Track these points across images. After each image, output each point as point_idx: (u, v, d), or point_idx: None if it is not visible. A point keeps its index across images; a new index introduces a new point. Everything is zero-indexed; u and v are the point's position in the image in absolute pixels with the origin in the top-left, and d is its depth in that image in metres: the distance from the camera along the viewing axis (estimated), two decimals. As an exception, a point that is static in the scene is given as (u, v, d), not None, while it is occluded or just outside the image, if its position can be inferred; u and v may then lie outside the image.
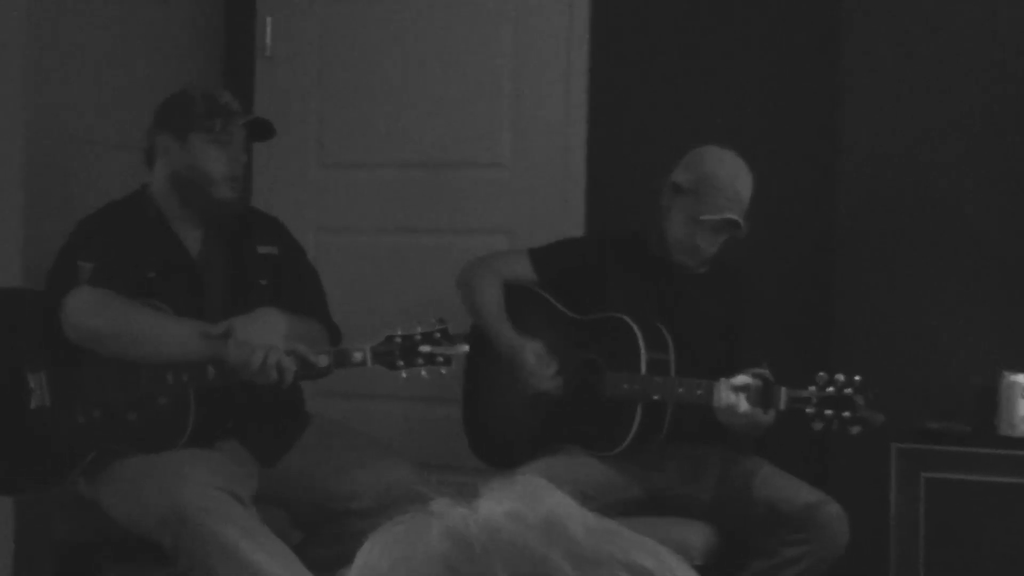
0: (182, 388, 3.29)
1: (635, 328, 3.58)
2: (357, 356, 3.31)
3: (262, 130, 3.58)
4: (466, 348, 3.39)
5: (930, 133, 4.03)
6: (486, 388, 3.82)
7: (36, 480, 3.44)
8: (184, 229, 3.49)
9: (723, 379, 3.37)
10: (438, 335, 3.32)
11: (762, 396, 3.34)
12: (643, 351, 3.57)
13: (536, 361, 3.62)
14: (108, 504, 3.37)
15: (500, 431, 3.85)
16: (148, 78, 4.52)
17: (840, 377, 3.31)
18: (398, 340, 3.32)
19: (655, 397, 3.53)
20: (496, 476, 3.23)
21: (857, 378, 3.31)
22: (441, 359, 3.33)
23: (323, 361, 3.31)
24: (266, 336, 3.26)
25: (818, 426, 3.32)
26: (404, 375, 3.32)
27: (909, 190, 4.05)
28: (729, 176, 3.60)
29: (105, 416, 3.33)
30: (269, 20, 4.74)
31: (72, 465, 3.36)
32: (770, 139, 4.21)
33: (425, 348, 3.31)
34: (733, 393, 3.35)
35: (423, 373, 3.33)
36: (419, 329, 3.33)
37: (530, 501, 0.85)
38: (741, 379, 3.35)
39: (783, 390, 3.34)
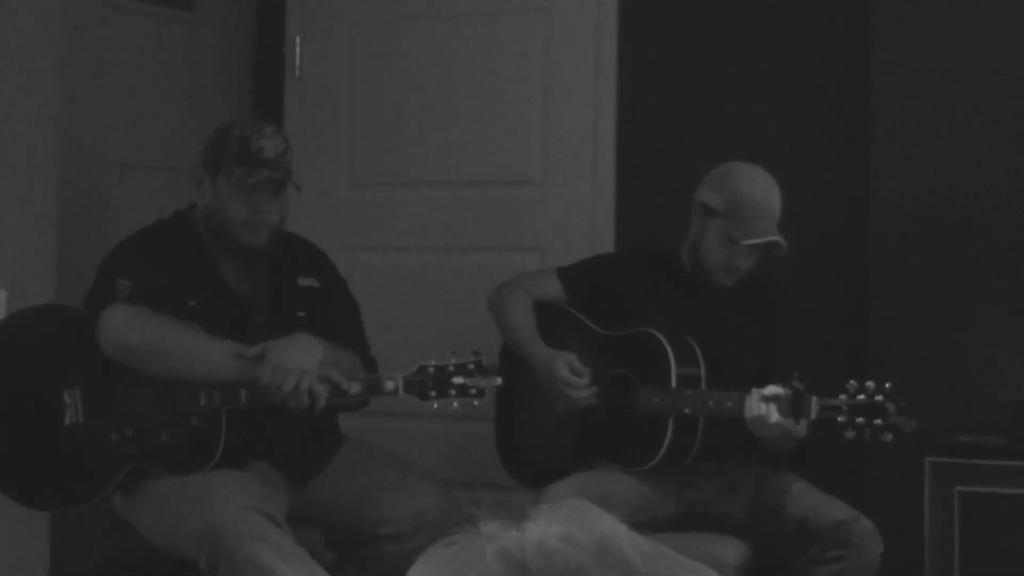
0: (214, 410, 3.30)
1: (665, 343, 3.58)
2: (389, 385, 3.32)
3: (285, 188, 3.46)
4: (499, 381, 3.38)
5: (965, 140, 4.02)
6: (518, 406, 3.82)
7: (68, 496, 3.45)
8: (223, 258, 3.48)
9: (754, 390, 3.37)
10: (471, 367, 3.32)
11: (793, 405, 3.34)
12: (673, 366, 3.56)
13: (570, 372, 3.63)
14: (142, 524, 3.39)
15: (532, 449, 3.85)
16: (179, 99, 4.56)
17: (870, 384, 3.30)
18: (431, 371, 3.31)
19: (686, 411, 3.53)
20: (528, 494, 3.23)
21: (888, 385, 3.30)
22: (474, 391, 3.32)
23: (355, 388, 3.31)
24: (301, 361, 3.26)
25: (850, 434, 3.31)
26: (435, 406, 3.32)
27: (944, 199, 4.04)
28: (762, 196, 3.59)
29: (138, 434, 3.35)
30: (299, 40, 4.76)
31: (104, 483, 3.37)
32: (802, 149, 4.21)
33: (458, 380, 3.31)
34: (763, 403, 3.35)
35: (455, 405, 3.33)
36: (452, 360, 3.33)
37: (581, 523, 0.85)
38: (771, 389, 3.35)
39: (814, 399, 3.33)
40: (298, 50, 4.77)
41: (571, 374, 3.63)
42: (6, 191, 3.83)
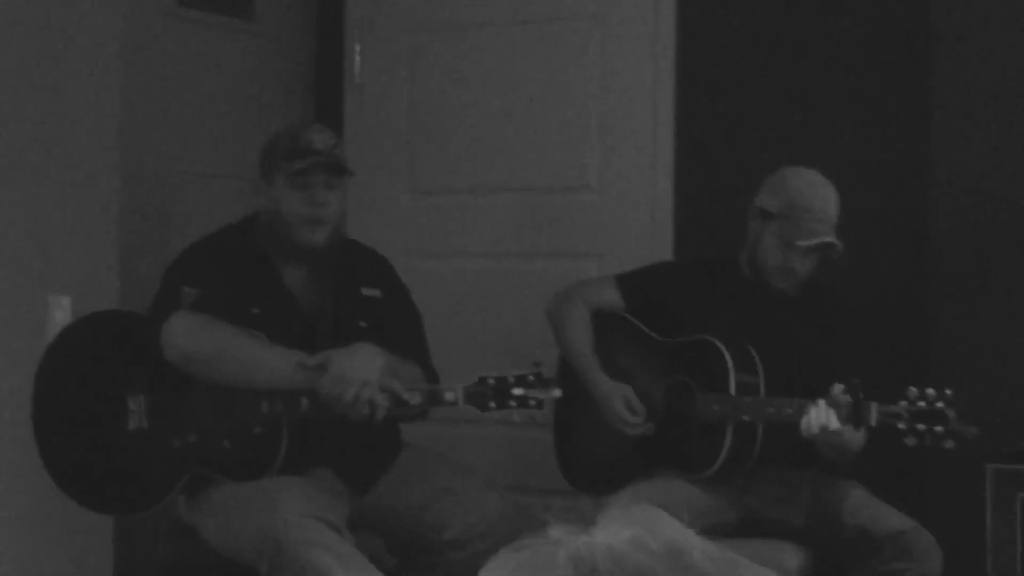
0: (276, 418, 3.32)
1: (724, 350, 3.58)
2: (449, 396, 3.33)
3: (338, 170, 3.49)
4: (558, 393, 3.38)
5: (1024, 145, 4.00)
6: (577, 413, 3.82)
7: (131, 501, 3.49)
8: (287, 266, 3.50)
9: (819, 400, 3.36)
10: (532, 378, 3.32)
11: (853, 413, 3.32)
12: (732, 373, 3.56)
13: (626, 409, 3.65)
14: (205, 530, 3.42)
15: (591, 456, 3.86)
16: (239, 108, 4.60)
17: (931, 391, 3.28)
18: (491, 382, 3.32)
19: (745, 417, 3.52)
20: (588, 501, 3.23)
21: (948, 392, 3.28)
22: (533, 403, 3.33)
23: (415, 399, 3.32)
24: (362, 371, 3.27)
25: (911, 441, 3.29)
26: (496, 417, 3.33)
27: (1005, 202, 4.01)
28: (819, 198, 3.60)
29: (200, 441, 3.37)
30: (358, 48, 4.79)
31: (166, 488, 3.40)
32: (861, 153, 4.20)
33: (518, 391, 3.31)
34: (823, 412, 3.34)
35: (515, 417, 3.34)
36: (513, 372, 3.34)
37: (651, 529, 0.86)
38: (836, 390, 3.34)
39: (874, 406, 3.32)
40: (357, 58, 4.79)
41: (627, 410, 3.64)
42: (70, 199, 3.87)
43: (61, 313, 3.78)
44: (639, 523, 0.88)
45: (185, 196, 4.38)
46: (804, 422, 3.36)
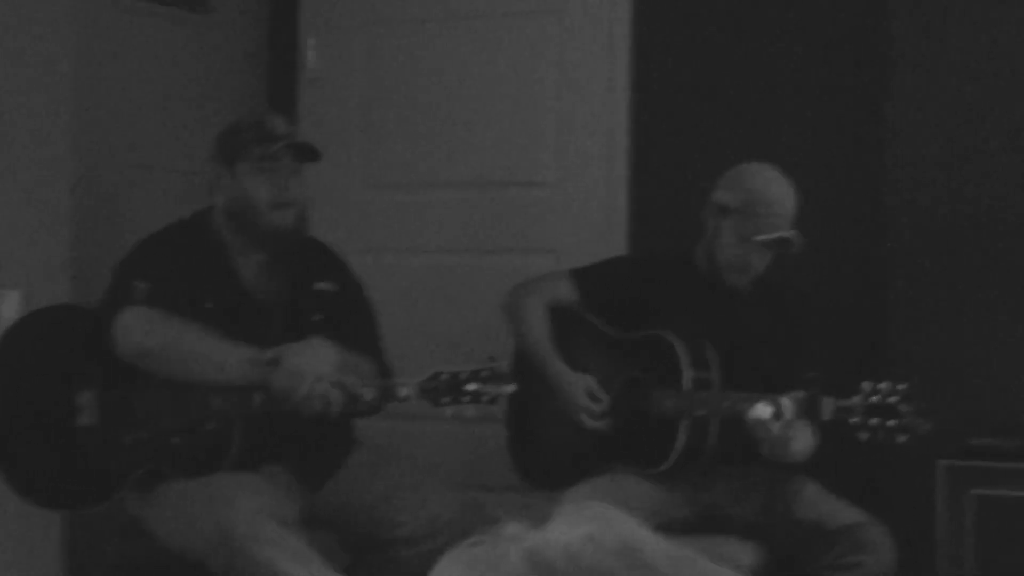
0: (229, 413, 3.31)
1: (676, 346, 3.58)
2: (402, 391, 3.32)
3: (308, 153, 3.55)
4: (513, 388, 3.36)
5: (982, 140, 4.01)
6: (531, 409, 3.82)
7: (80, 497, 3.47)
8: (242, 260, 3.49)
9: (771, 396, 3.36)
10: (486, 373, 3.31)
11: (807, 406, 3.33)
12: (685, 368, 3.57)
13: (587, 398, 3.64)
14: (156, 525, 3.40)
15: (545, 452, 3.85)
16: (193, 101, 4.56)
17: (884, 386, 3.29)
18: (445, 377, 3.31)
19: (700, 413, 3.53)
20: (541, 497, 3.22)
21: (901, 386, 3.29)
22: (487, 398, 3.32)
23: (368, 394, 3.31)
24: (315, 366, 3.26)
25: (864, 436, 3.30)
26: (449, 412, 3.31)
27: (961, 199, 4.03)
28: (776, 193, 3.61)
29: (152, 437, 3.35)
30: (311, 42, 4.77)
31: (116, 485, 3.38)
32: (817, 150, 4.21)
33: (472, 386, 3.29)
34: (767, 407, 3.34)
35: (469, 412, 3.32)
36: (467, 367, 3.32)
37: (606, 526, 0.85)
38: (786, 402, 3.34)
39: (828, 400, 3.33)
40: (311, 51, 4.77)
41: (589, 399, 3.64)
42: (21, 192, 3.84)
43: (10, 308, 3.74)
44: (594, 520, 0.87)
45: (138, 190, 4.34)
46: (750, 413, 3.36)
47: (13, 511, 3.55)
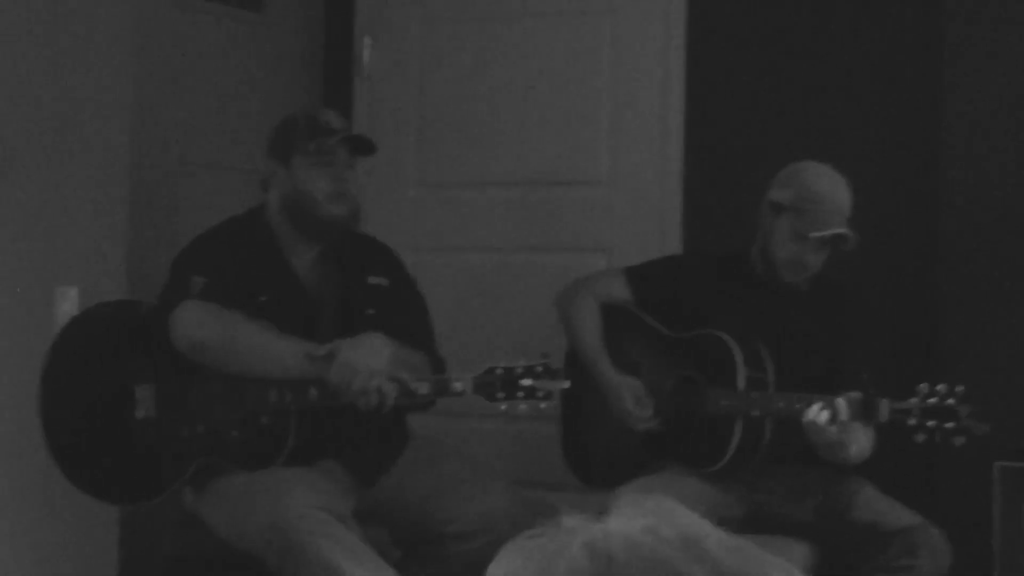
0: (284, 408, 3.32)
1: (732, 345, 3.57)
2: (457, 386, 3.32)
3: (363, 146, 3.57)
4: (567, 384, 3.36)
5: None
6: (584, 408, 3.82)
7: (138, 490, 3.49)
8: (296, 255, 3.51)
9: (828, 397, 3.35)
10: (540, 369, 3.31)
11: (864, 409, 3.32)
12: (740, 368, 3.56)
13: (634, 403, 3.64)
14: (211, 520, 3.42)
15: (598, 450, 3.85)
16: (249, 99, 4.59)
17: (941, 387, 3.28)
18: (499, 372, 3.31)
19: (754, 413, 3.51)
20: (595, 496, 3.21)
21: (959, 388, 3.28)
22: (541, 394, 3.32)
23: (423, 388, 3.32)
24: (370, 360, 3.27)
25: (920, 438, 3.28)
26: (503, 407, 3.32)
27: (1015, 198, 4.00)
28: (831, 190, 3.59)
29: (208, 431, 3.37)
30: (367, 40, 4.79)
31: (173, 478, 3.40)
32: (871, 150, 4.20)
33: (526, 382, 3.30)
34: (824, 411, 3.33)
35: (522, 407, 3.33)
36: (521, 362, 3.33)
37: (666, 518, 0.85)
38: (841, 403, 3.33)
39: (884, 402, 3.31)
40: (366, 50, 4.79)
41: (635, 405, 3.64)
42: (78, 190, 3.87)
43: (68, 305, 3.78)
44: (654, 512, 0.88)
45: (194, 188, 4.37)
46: (806, 415, 3.35)
47: (71, 504, 3.58)
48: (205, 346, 3.33)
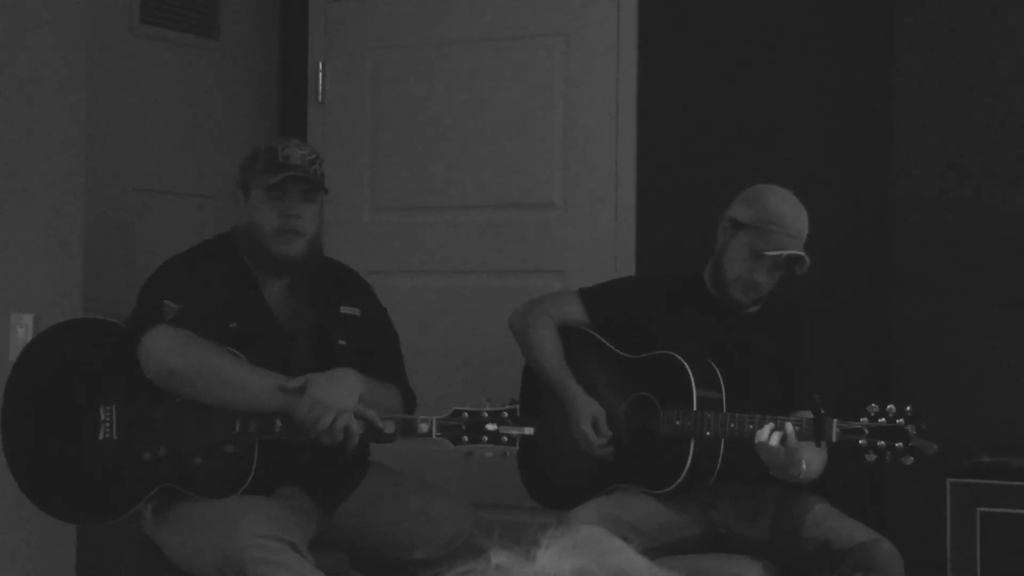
0: (248, 438, 3.33)
1: (686, 366, 3.59)
2: (423, 427, 3.34)
3: (311, 187, 3.52)
4: (531, 430, 3.38)
5: (987, 161, 4.02)
6: (541, 428, 3.83)
7: (96, 511, 3.48)
8: (268, 282, 3.52)
9: (779, 418, 3.38)
10: (505, 414, 3.34)
11: (814, 429, 3.35)
12: (695, 388, 3.58)
13: (592, 429, 3.66)
14: (167, 545, 3.41)
15: (554, 471, 3.86)
16: (204, 125, 4.59)
17: (891, 407, 3.31)
18: (465, 416, 3.34)
19: (707, 433, 3.54)
20: (551, 516, 3.21)
21: (908, 408, 3.31)
22: (506, 439, 3.35)
23: (389, 428, 3.34)
24: (341, 396, 3.28)
25: (871, 458, 3.32)
26: (467, 452, 3.34)
27: (965, 219, 4.03)
28: (792, 214, 3.62)
29: (171, 456, 3.37)
30: (321, 65, 4.80)
31: (133, 500, 3.39)
32: (823, 173, 4.22)
33: (491, 427, 3.33)
34: (774, 433, 3.36)
35: (488, 454, 3.35)
36: (487, 407, 3.35)
37: (594, 555, 0.86)
38: (790, 428, 3.36)
39: (835, 422, 3.34)
40: (321, 75, 4.80)
41: (593, 430, 3.65)
42: (33, 217, 3.87)
43: (23, 331, 3.77)
44: (583, 549, 0.88)
45: (149, 214, 4.37)
46: (757, 436, 3.38)
47: (30, 522, 3.57)
48: (176, 374, 3.31)
